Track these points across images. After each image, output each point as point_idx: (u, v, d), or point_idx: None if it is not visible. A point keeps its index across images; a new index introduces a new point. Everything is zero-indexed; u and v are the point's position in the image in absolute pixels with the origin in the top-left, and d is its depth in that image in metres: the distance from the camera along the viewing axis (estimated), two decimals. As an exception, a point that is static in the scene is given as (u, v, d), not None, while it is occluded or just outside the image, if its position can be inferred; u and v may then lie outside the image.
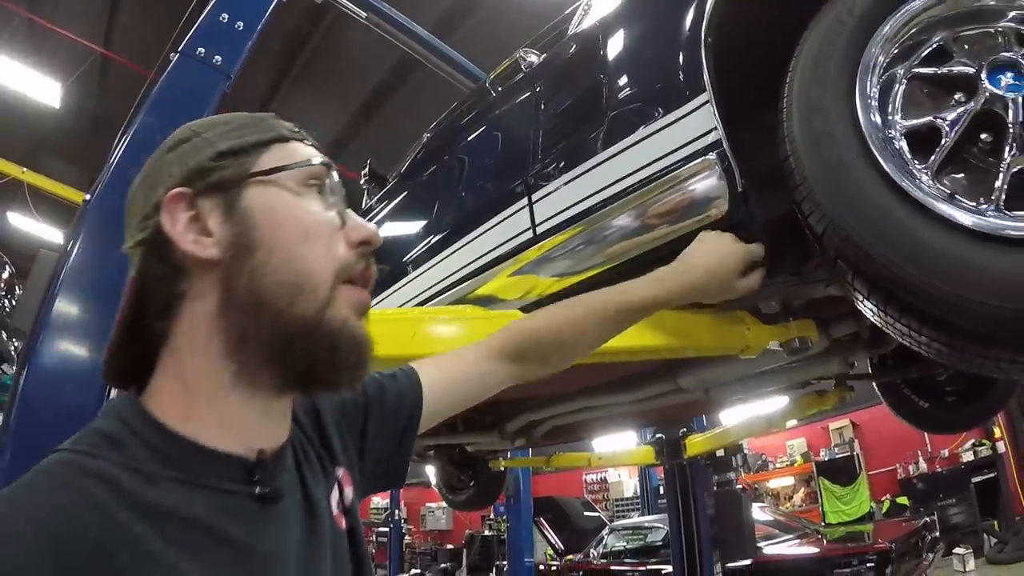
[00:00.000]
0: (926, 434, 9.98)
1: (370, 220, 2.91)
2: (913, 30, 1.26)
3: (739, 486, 4.74)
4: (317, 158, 0.67)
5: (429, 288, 2.29)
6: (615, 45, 1.87)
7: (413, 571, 11.31)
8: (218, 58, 2.23)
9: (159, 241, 0.60)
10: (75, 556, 0.47)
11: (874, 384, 3.21)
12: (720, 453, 4.56)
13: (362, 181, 3.35)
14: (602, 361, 1.71)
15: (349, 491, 0.77)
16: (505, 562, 8.44)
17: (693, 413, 4.24)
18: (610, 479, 15.91)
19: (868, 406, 8.91)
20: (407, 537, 17.99)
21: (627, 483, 15.36)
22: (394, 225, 2.88)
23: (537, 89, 2.14)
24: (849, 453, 11.20)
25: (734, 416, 4.04)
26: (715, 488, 4.70)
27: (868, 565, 5.26)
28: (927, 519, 6.72)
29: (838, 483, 11.12)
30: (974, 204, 1.10)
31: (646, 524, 8.18)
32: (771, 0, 1.43)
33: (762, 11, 1.45)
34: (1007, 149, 1.10)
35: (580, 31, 2.15)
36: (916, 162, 1.16)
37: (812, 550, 6.13)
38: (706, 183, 1.41)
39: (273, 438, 0.65)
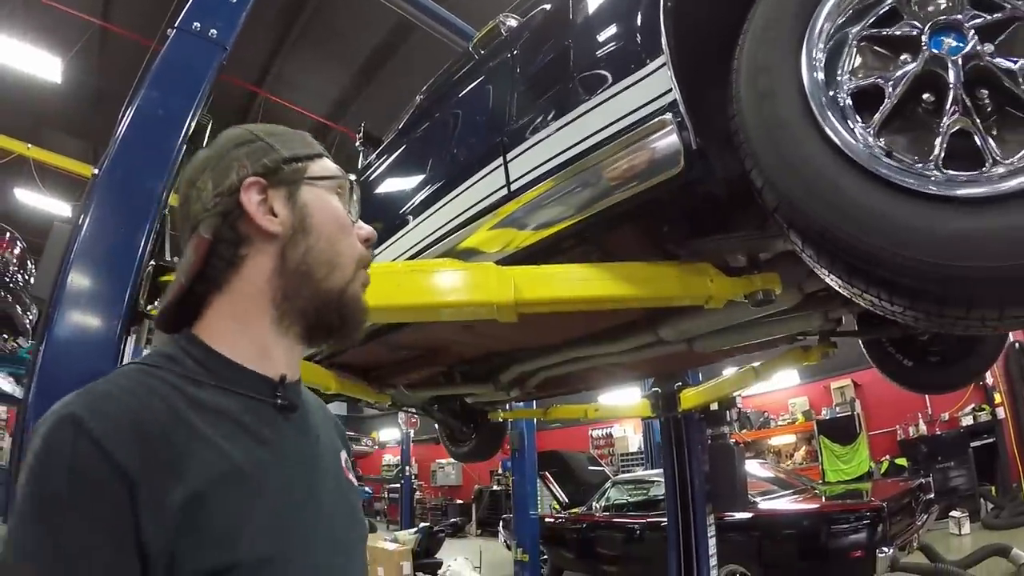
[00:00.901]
0: (927, 397, 10.04)
1: (368, 176, 3.01)
2: None
3: (732, 440, 4.79)
4: (345, 177, 0.91)
5: (421, 241, 2.40)
6: (582, 9, 1.92)
7: (421, 524, 11.57)
8: (214, 31, 2.30)
9: (234, 214, 0.81)
10: (150, 433, 0.65)
11: (860, 342, 3.27)
12: (714, 407, 4.61)
13: (357, 143, 3.44)
14: (574, 309, 1.81)
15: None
16: (511, 515, 8.65)
17: (682, 366, 4.34)
18: (615, 434, 16.15)
19: (871, 366, 8.97)
20: (418, 492, 18.43)
21: (632, 438, 15.60)
22: (388, 181, 2.97)
23: (514, 52, 2.19)
24: (850, 413, 11.27)
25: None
26: (709, 442, 4.77)
27: (864, 522, 5.38)
28: (922, 480, 6.77)
29: (838, 442, 11.21)
30: (910, 163, 1.13)
31: (648, 478, 8.27)
32: None
33: None
34: (947, 110, 1.13)
35: None
36: (858, 121, 1.20)
37: (806, 506, 6.25)
38: (663, 141, 1.47)
39: (292, 371, 0.84)
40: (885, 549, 5.23)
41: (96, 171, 2.14)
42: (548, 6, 2.16)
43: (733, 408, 4.76)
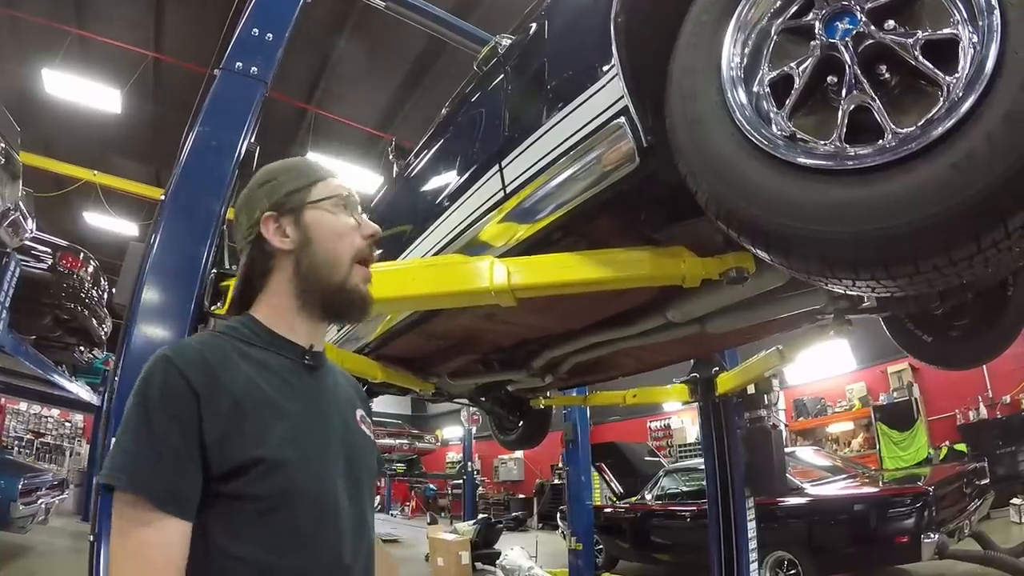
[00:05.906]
0: (988, 380, 9.73)
1: (399, 184, 3.29)
2: None
3: (771, 424, 4.80)
4: (343, 190, 1.19)
5: (445, 237, 2.66)
6: (552, 29, 2.15)
7: (480, 516, 11.86)
8: (254, 69, 2.62)
9: (260, 240, 1.14)
10: (211, 366, 0.97)
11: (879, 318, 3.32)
12: (751, 391, 4.65)
13: (390, 156, 3.75)
14: (562, 293, 2.04)
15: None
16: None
17: (707, 349, 4.39)
18: (673, 426, 16.19)
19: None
20: (480, 488, 18.75)
21: (689, 429, 15.54)
22: (415, 188, 3.26)
23: (506, 70, 2.43)
24: (908, 397, 10.94)
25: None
26: (747, 425, 4.79)
27: (908, 507, 5.34)
28: (975, 465, 6.59)
29: (896, 428, 10.93)
30: (813, 144, 1.23)
31: (699, 466, 8.04)
32: None
33: None
34: (844, 89, 1.22)
35: (532, 14, 2.40)
36: (775, 109, 1.31)
37: (849, 491, 6.24)
38: (619, 142, 1.67)
39: (317, 343, 1.16)
40: (931, 534, 5.17)
41: (163, 196, 2.49)
42: (531, 27, 2.37)
43: (770, 392, 4.77)
